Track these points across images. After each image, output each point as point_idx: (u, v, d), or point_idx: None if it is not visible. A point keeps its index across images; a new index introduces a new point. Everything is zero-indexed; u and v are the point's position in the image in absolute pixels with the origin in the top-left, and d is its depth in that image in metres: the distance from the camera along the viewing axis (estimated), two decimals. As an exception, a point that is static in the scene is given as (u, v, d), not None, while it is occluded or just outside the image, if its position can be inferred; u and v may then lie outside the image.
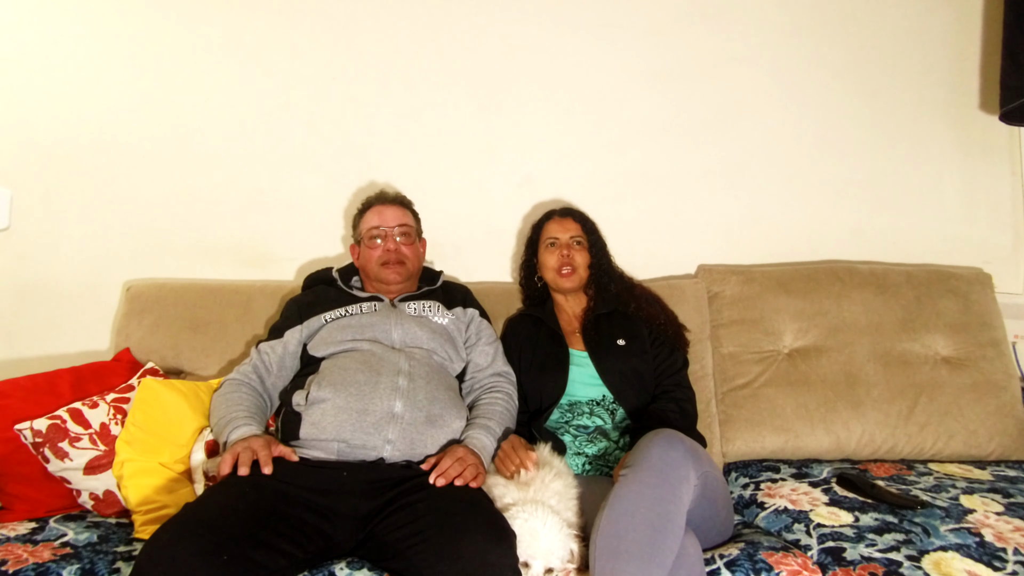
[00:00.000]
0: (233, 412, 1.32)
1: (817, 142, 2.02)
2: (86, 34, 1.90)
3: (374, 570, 1.13)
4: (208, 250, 1.93)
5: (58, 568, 1.13)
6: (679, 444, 1.14)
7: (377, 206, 1.63)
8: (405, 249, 1.58)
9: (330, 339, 1.43)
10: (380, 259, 1.56)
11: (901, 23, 2.02)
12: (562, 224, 1.70)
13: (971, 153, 2.04)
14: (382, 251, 1.56)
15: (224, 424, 1.31)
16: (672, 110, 2.01)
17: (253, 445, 1.22)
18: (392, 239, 1.57)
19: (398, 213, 1.61)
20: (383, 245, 1.57)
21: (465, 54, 1.98)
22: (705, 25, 2.00)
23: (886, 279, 1.83)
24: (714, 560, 1.17)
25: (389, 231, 1.58)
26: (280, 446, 1.25)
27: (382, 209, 1.61)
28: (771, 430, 1.67)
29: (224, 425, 1.31)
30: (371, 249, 1.58)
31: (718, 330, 1.82)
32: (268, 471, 1.18)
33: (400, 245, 1.58)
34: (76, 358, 1.76)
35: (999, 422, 1.67)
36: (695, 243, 2.00)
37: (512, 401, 1.49)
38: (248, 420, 1.31)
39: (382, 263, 1.56)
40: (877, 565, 1.16)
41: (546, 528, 1.11)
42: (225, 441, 1.28)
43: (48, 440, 1.36)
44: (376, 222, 1.59)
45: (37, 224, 1.88)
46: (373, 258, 1.57)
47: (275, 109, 1.95)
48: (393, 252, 1.56)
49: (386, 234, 1.57)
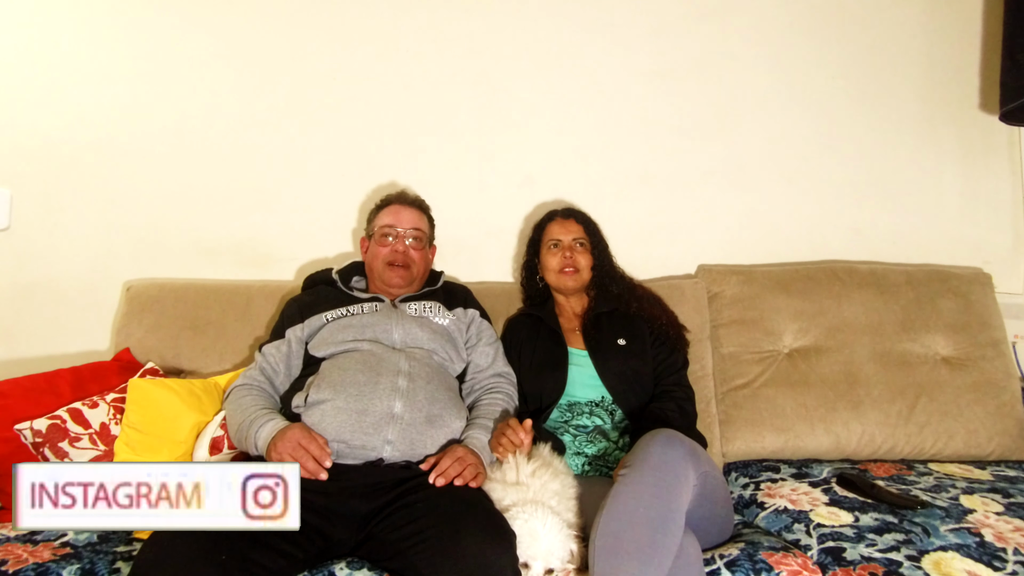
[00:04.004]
0: (252, 413, 1.30)
1: (817, 142, 2.02)
2: (86, 34, 1.90)
3: (374, 570, 1.13)
4: (208, 250, 1.93)
5: (58, 568, 1.13)
6: (678, 444, 1.14)
7: (395, 205, 1.63)
8: (414, 253, 1.59)
9: (331, 339, 1.43)
10: (387, 258, 1.57)
11: (901, 23, 2.02)
12: (564, 225, 1.70)
13: (971, 153, 2.04)
14: (390, 251, 1.57)
15: (247, 427, 1.29)
16: (672, 110, 2.01)
17: (303, 443, 1.20)
18: (402, 241, 1.58)
19: (414, 216, 1.62)
20: (393, 245, 1.57)
21: (466, 54, 1.98)
22: (706, 25, 2.00)
23: (886, 279, 1.83)
24: (714, 560, 1.17)
25: (401, 233, 1.58)
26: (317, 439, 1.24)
27: (399, 209, 1.62)
28: (771, 430, 1.67)
29: (247, 428, 1.28)
30: (380, 247, 1.58)
31: (718, 330, 1.82)
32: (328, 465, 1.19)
33: (409, 248, 1.58)
34: (76, 358, 1.76)
35: (999, 422, 1.67)
36: (695, 243, 2.00)
37: (512, 401, 1.49)
38: (270, 415, 1.30)
39: (387, 263, 1.56)
40: (877, 565, 1.16)
41: (546, 529, 1.11)
42: (254, 443, 1.26)
43: (48, 440, 1.37)
44: (391, 221, 1.60)
45: (37, 224, 1.88)
46: (380, 255, 1.57)
47: (275, 109, 1.95)
48: (401, 254, 1.57)
49: (398, 235, 1.58)
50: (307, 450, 1.20)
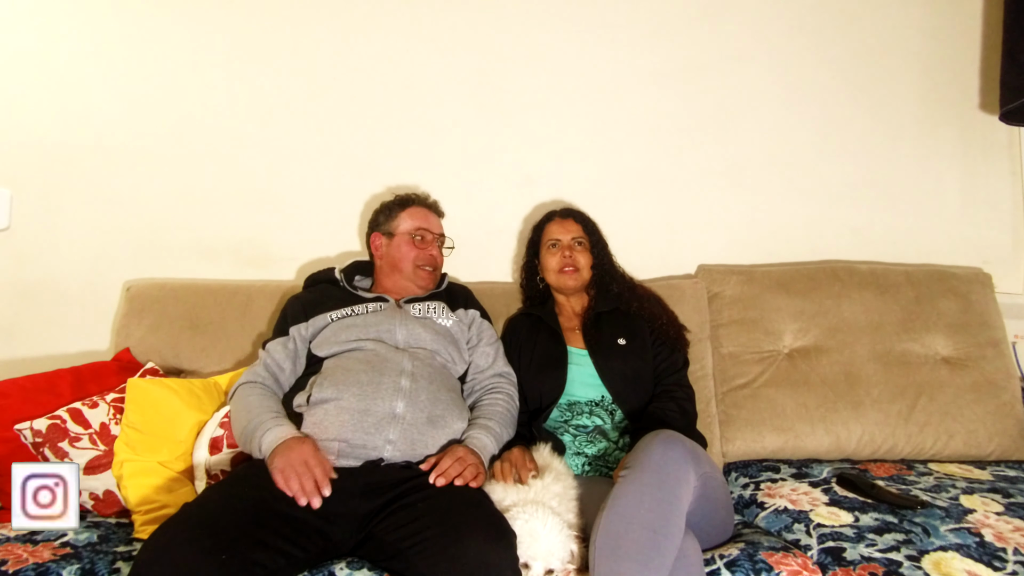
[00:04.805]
0: (259, 416, 1.28)
1: (817, 142, 2.02)
2: (86, 34, 1.90)
3: (374, 570, 1.13)
4: (208, 250, 1.93)
5: (58, 568, 1.13)
6: (679, 445, 1.14)
7: (422, 208, 1.67)
8: (440, 259, 1.65)
9: (335, 338, 1.43)
10: (421, 260, 1.60)
11: (901, 23, 2.02)
12: (563, 225, 1.70)
13: (971, 153, 2.04)
14: (426, 255, 1.61)
15: (252, 429, 1.27)
16: (672, 110, 2.01)
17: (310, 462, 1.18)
18: (435, 246, 1.64)
19: (438, 222, 1.69)
20: (428, 249, 1.61)
21: (466, 54, 1.98)
22: (705, 25, 2.00)
23: (886, 279, 1.83)
24: (714, 560, 1.17)
25: (435, 238, 1.64)
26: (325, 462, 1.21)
27: (428, 214, 1.66)
28: (771, 430, 1.67)
29: (253, 430, 1.26)
30: (412, 248, 1.60)
31: (718, 330, 1.81)
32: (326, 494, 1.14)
33: (439, 254, 1.65)
34: (76, 358, 1.76)
35: (999, 422, 1.67)
36: (695, 243, 2.00)
37: (513, 402, 1.49)
38: (278, 420, 1.28)
39: (420, 264, 1.59)
40: (877, 565, 1.16)
41: (546, 529, 1.11)
42: (258, 446, 1.24)
43: (48, 440, 1.37)
44: (425, 224, 1.63)
45: (37, 224, 1.88)
46: (411, 257, 1.59)
47: (275, 109, 1.95)
48: (433, 259, 1.62)
49: (431, 240, 1.63)
50: (311, 471, 1.16)
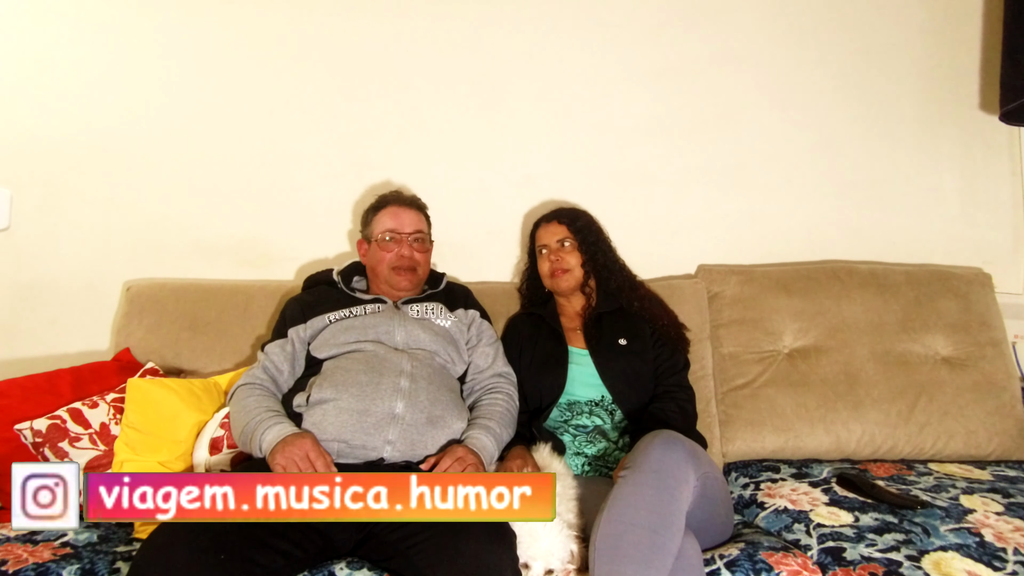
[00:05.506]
0: (259, 415, 1.28)
1: (817, 142, 2.02)
2: (86, 34, 1.90)
3: (374, 570, 1.13)
4: (208, 250, 1.93)
5: (58, 568, 1.13)
6: (679, 445, 1.14)
7: (394, 207, 1.60)
8: (418, 255, 1.57)
9: (334, 340, 1.43)
10: (393, 263, 1.54)
11: (901, 23, 2.02)
12: (548, 229, 1.69)
13: (971, 153, 2.03)
14: (396, 256, 1.54)
15: (252, 429, 1.26)
16: (672, 110, 2.01)
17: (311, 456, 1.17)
18: (407, 245, 1.56)
19: (414, 218, 1.60)
20: (397, 250, 1.55)
21: (466, 54, 1.98)
22: (705, 25, 2.00)
23: (886, 279, 1.83)
24: (714, 560, 1.17)
25: (405, 236, 1.56)
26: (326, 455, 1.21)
27: (399, 211, 1.59)
28: (771, 430, 1.67)
29: (253, 430, 1.26)
30: (384, 251, 1.55)
31: (718, 330, 1.81)
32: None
33: (414, 251, 1.56)
34: (76, 358, 1.76)
35: (999, 422, 1.67)
36: (695, 243, 1.99)
37: (512, 402, 1.49)
38: (278, 418, 1.28)
39: (393, 267, 1.54)
40: (877, 565, 1.16)
41: (546, 529, 1.11)
42: (259, 445, 1.23)
43: (48, 440, 1.37)
44: (393, 225, 1.57)
45: (37, 224, 1.88)
46: (385, 260, 1.55)
47: (275, 109, 1.95)
48: (407, 258, 1.55)
49: (402, 239, 1.56)
50: (313, 465, 1.17)
